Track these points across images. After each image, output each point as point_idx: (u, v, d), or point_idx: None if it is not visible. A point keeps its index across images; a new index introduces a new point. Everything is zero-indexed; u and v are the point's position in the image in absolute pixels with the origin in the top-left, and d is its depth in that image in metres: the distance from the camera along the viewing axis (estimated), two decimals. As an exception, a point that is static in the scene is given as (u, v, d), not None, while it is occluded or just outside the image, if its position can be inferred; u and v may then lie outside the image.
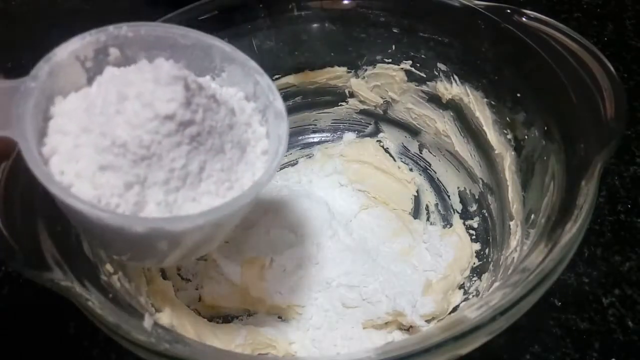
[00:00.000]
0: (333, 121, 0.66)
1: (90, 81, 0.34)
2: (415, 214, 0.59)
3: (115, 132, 0.30)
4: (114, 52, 0.34)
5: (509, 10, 0.47)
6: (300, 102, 0.62)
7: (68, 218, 0.33)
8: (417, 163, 0.63)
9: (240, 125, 0.36)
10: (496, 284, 0.42)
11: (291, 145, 0.65)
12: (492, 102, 0.50)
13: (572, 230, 0.34)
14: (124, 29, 0.34)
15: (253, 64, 0.37)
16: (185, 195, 0.32)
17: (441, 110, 0.57)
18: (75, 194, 0.29)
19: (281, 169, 0.63)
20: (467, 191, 0.58)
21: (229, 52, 0.36)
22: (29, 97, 0.30)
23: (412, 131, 0.62)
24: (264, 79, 0.36)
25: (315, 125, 0.66)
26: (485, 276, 0.50)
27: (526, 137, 0.46)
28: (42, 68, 0.31)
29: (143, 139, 0.30)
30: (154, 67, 0.31)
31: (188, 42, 0.36)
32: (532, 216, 0.42)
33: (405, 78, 0.58)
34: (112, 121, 0.30)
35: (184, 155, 0.31)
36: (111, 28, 0.34)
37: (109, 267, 0.40)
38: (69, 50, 0.33)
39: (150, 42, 0.35)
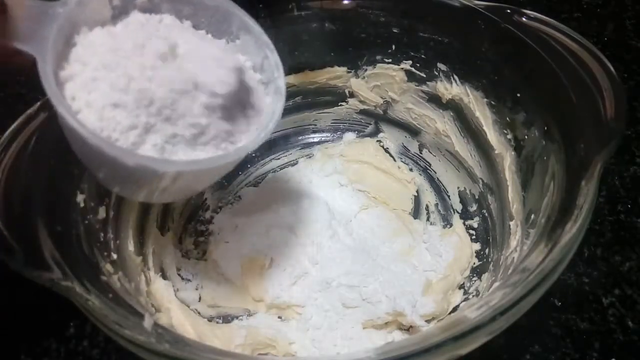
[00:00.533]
0: (333, 121, 0.66)
1: (114, 19, 0.35)
2: (415, 214, 0.59)
3: (144, 83, 0.31)
4: None
5: (509, 10, 0.47)
6: (300, 102, 0.63)
7: (69, 142, 0.34)
8: (417, 163, 0.63)
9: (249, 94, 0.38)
10: (496, 284, 0.42)
11: (291, 145, 0.66)
12: (492, 102, 0.50)
13: (572, 230, 0.34)
14: None
15: (266, 38, 0.39)
16: (183, 148, 0.34)
17: (441, 110, 0.57)
18: (80, 119, 0.31)
19: (281, 169, 0.63)
20: (467, 191, 0.58)
21: (247, 23, 0.39)
22: (54, 21, 0.32)
23: (412, 131, 0.62)
24: (273, 55, 0.39)
25: (315, 125, 0.66)
26: (485, 276, 0.50)
27: (526, 137, 0.46)
28: None
29: (172, 97, 0.32)
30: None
31: (211, 3, 0.38)
32: (532, 216, 0.42)
33: (405, 78, 0.58)
34: (145, 72, 0.32)
35: (197, 121, 0.33)
36: None
37: (109, 267, 0.40)
38: None
39: None
